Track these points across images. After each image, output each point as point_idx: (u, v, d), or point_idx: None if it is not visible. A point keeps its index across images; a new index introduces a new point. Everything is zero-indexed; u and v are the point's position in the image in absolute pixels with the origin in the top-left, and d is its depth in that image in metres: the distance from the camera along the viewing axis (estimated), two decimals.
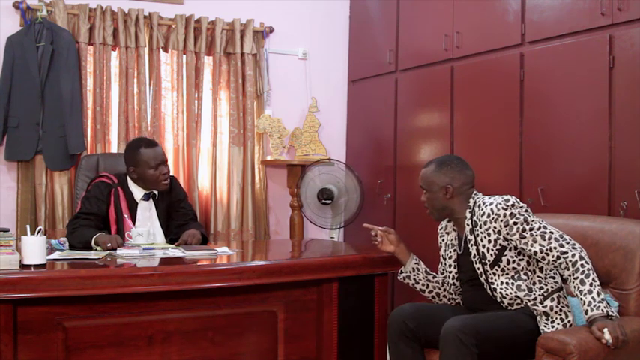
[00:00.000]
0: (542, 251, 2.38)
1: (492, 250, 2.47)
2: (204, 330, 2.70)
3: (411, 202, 4.12)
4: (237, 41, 4.51)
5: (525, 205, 2.48)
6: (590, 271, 2.30)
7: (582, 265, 2.31)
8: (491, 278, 2.49)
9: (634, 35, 2.86)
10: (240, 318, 2.78)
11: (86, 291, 2.40)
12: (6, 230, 2.46)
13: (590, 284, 2.28)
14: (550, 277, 2.49)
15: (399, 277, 2.85)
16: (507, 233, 2.43)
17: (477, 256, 2.52)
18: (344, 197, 4.43)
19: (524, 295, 2.44)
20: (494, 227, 2.45)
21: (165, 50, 4.39)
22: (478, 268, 2.53)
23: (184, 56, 4.43)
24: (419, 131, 4.11)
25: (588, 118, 3.06)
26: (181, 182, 4.33)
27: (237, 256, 3.04)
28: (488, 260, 2.48)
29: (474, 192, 2.61)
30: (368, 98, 4.67)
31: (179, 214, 3.33)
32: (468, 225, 2.56)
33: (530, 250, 2.41)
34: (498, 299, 2.49)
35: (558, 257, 2.35)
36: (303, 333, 2.91)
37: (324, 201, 4.45)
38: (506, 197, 2.46)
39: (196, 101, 4.45)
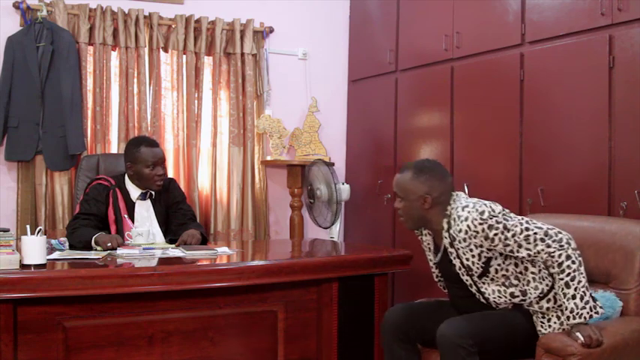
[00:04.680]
0: (529, 255, 2.31)
1: (478, 263, 2.40)
2: (204, 330, 2.71)
3: None
4: (237, 41, 4.51)
5: (501, 209, 2.37)
6: (576, 273, 2.24)
7: (568, 267, 2.24)
8: (482, 288, 2.44)
9: (634, 35, 2.86)
10: (240, 318, 2.78)
11: (86, 291, 2.40)
12: (6, 230, 2.46)
13: (575, 288, 2.22)
14: (545, 273, 2.42)
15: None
16: (490, 245, 2.34)
17: (463, 269, 2.44)
18: (330, 197, 4.41)
19: (520, 301, 2.40)
20: (475, 242, 2.36)
21: (165, 50, 4.39)
22: (467, 280, 2.46)
23: (184, 56, 4.43)
24: (419, 131, 4.11)
25: (588, 118, 3.06)
26: (181, 182, 4.34)
27: (237, 256, 3.04)
28: (476, 272, 2.42)
29: (453, 197, 2.47)
30: (368, 98, 4.67)
31: (177, 214, 3.34)
32: (446, 238, 2.45)
33: (518, 256, 2.34)
34: (493, 306, 2.45)
35: (547, 260, 2.28)
36: (303, 333, 2.91)
37: (309, 200, 4.46)
38: (480, 209, 2.34)
39: (196, 101, 4.44)
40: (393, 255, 3.13)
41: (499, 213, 2.35)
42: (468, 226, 2.34)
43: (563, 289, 2.24)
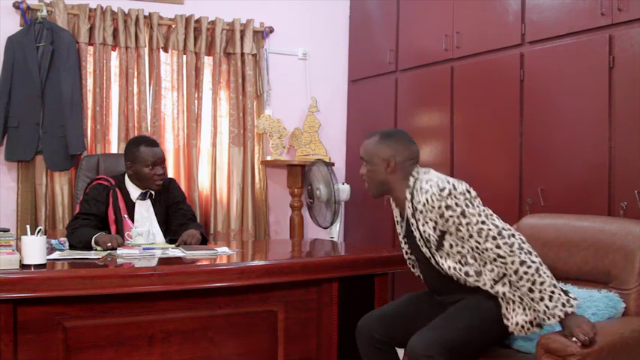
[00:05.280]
0: (478, 248, 2.29)
1: (433, 235, 2.37)
2: (204, 330, 2.71)
3: None
4: (237, 41, 4.52)
5: (463, 190, 2.32)
6: (535, 276, 2.20)
7: (525, 273, 2.21)
8: (440, 262, 2.41)
9: (634, 35, 2.86)
10: (240, 318, 2.78)
11: (86, 291, 2.40)
12: (6, 230, 2.46)
13: (540, 291, 2.19)
14: None
15: None
16: (444, 224, 2.32)
17: (422, 240, 2.43)
18: (329, 197, 4.41)
19: (474, 281, 2.35)
20: (431, 217, 2.35)
21: (165, 50, 4.39)
22: (425, 252, 2.44)
23: (184, 56, 4.43)
24: (419, 131, 4.10)
25: (588, 118, 3.06)
26: (181, 182, 4.35)
27: (237, 256, 3.04)
28: (433, 244, 2.39)
29: (417, 169, 2.46)
30: (368, 98, 4.67)
31: (177, 214, 3.34)
32: (409, 208, 2.43)
33: (468, 243, 2.32)
34: (454, 279, 2.40)
35: (495, 259, 2.26)
36: (303, 333, 2.91)
37: (309, 200, 4.46)
38: (442, 185, 2.31)
39: (196, 101, 4.45)
40: (393, 255, 3.12)
41: (461, 194, 2.30)
42: (427, 199, 2.33)
43: (528, 295, 2.23)
